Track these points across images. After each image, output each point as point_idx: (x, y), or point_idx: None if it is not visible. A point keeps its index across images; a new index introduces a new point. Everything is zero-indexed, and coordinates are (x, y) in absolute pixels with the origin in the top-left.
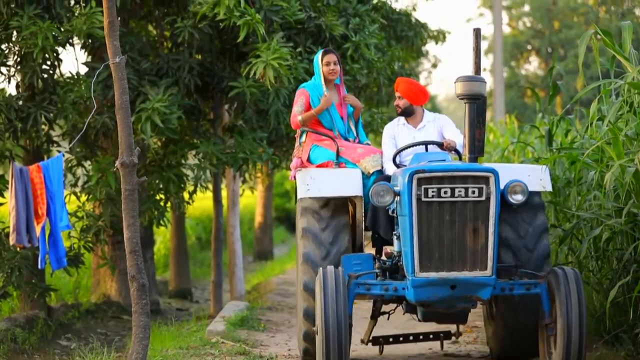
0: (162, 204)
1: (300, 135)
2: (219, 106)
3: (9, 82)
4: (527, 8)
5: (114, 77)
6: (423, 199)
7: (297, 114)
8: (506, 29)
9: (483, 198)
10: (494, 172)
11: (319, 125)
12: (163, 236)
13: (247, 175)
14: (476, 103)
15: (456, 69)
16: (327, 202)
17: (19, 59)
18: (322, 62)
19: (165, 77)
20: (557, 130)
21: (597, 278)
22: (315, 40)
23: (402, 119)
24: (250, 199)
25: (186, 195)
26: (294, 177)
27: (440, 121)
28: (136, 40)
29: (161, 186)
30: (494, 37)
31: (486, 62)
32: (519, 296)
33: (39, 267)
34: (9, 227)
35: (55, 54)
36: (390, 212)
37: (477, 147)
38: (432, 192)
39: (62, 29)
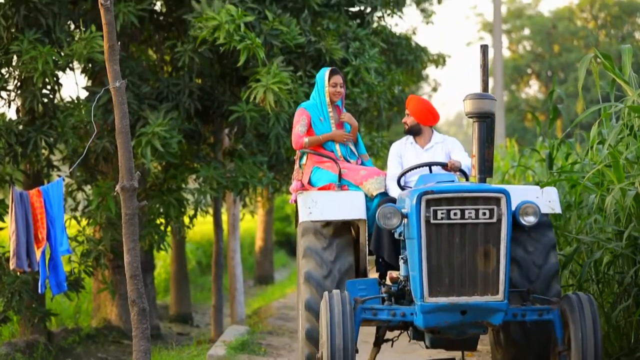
0: (162, 228)
1: (301, 157)
2: (219, 130)
3: (9, 106)
4: (527, 32)
5: (114, 102)
6: (432, 221)
7: (301, 134)
8: (506, 53)
9: (494, 220)
10: (506, 193)
11: (319, 147)
12: (163, 260)
13: (247, 200)
14: (485, 122)
15: (456, 92)
16: (329, 222)
17: (19, 84)
18: (329, 82)
19: (165, 102)
20: (558, 154)
21: (598, 302)
22: (316, 64)
23: (410, 137)
24: (251, 223)
25: (186, 220)
26: (295, 200)
27: (448, 143)
28: (136, 65)
29: (161, 210)
30: (494, 60)
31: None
32: (531, 322)
33: (39, 291)
34: (9, 251)
35: (55, 79)
36: (397, 236)
37: (486, 167)
38: (442, 213)
39: (62, 54)
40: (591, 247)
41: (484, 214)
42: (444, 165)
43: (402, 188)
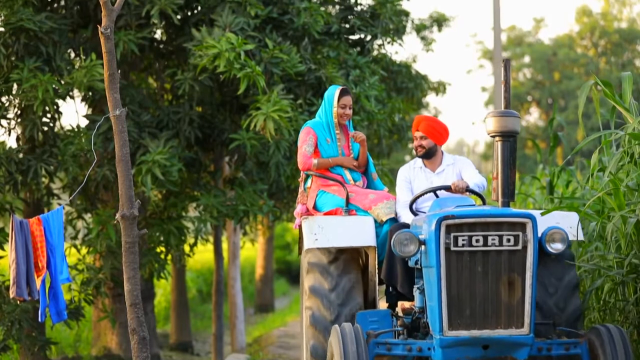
0: (162, 256)
1: (305, 180)
2: (220, 158)
3: (10, 134)
4: (527, 59)
5: (114, 130)
6: (452, 248)
7: (308, 154)
8: None
9: (519, 247)
10: (532, 218)
11: (326, 170)
12: (164, 289)
13: (247, 228)
14: (509, 141)
15: (457, 120)
16: (336, 257)
17: (19, 112)
18: (338, 103)
19: (165, 130)
20: (558, 181)
21: None
22: (316, 92)
23: (418, 161)
24: (251, 251)
25: (187, 248)
26: (299, 225)
27: (459, 164)
28: (136, 93)
29: (162, 239)
30: (495, 88)
31: (486, 113)
32: (557, 356)
33: (39, 320)
34: (9, 280)
35: (55, 107)
36: (412, 264)
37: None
38: (463, 240)
39: (63, 82)
40: (592, 275)
41: (508, 240)
42: (447, 189)
43: (415, 214)
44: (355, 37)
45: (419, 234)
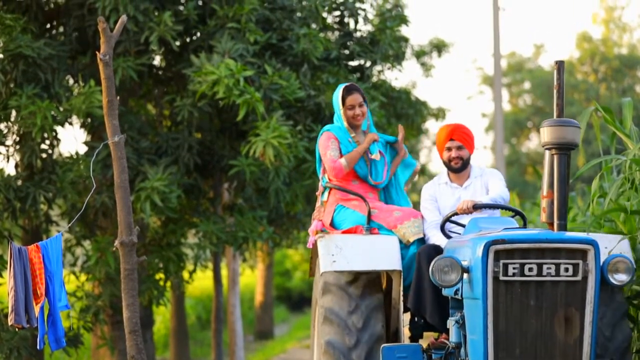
0: (161, 283)
1: (322, 193)
2: (219, 185)
3: (8, 161)
4: (527, 85)
5: (113, 156)
6: (501, 277)
7: (335, 158)
8: (507, 106)
9: (578, 277)
10: (594, 244)
11: (347, 181)
12: (163, 316)
13: (247, 254)
14: (567, 154)
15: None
16: (356, 277)
17: (17, 139)
18: (345, 105)
19: (164, 156)
20: None
21: None
22: (315, 119)
23: (443, 176)
24: (251, 277)
25: (186, 275)
26: (313, 244)
27: (487, 175)
28: (135, 119)
29: (161, 265)
30: (495, 114)
31: (487, 139)
32: None
33: (38, 347)
34: (7, 307)
35: (54, 134)
36: (452, 294)
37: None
38: (514, 269)
39: (61, 108)
40: None
41: (567, 269)
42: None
43: (447, 236)
44: (355, 63)
45: (460, 260)
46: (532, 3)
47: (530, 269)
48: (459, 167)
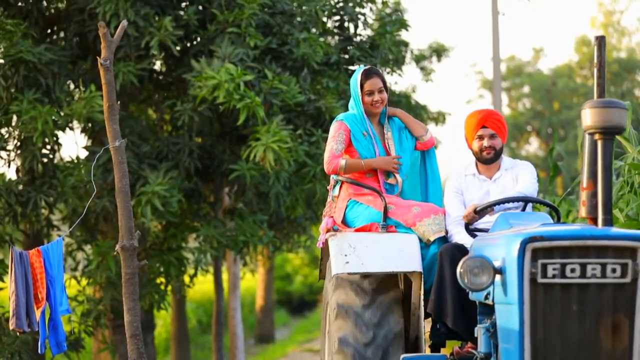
0: (162, 287)
1: (333, 187)
2: (219, 189)
3: (9, 166)
4: (526, 89)
5: (113, 161)
6: (540, 279)
7: (336, 153)
8: (506, 110)
9: (628, 279)
10: None
11: (362, 175)
12: (164, 320)
13: (247, 258)
14: (612, 140)
15: (457, 150)
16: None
17: (18, 143)
18: (363, 90)
19: (165, 161)
20: None
21: None
22: (315, 123)
23: (471, 167)
24: (251, 281)
25: (187, 279)
26: (324, 243)
27: (518, 168)
28: (136, 124)
29: (162, 270)
30: None
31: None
32: None
33: (39, 351)
34: (8, 311)
35: (55, 138)
36: (482, 298)
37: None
38: (554, 269)
39: (62, 113)
40: None
41: (614, 270)
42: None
43: (472, 234)
44: (355, 67)
45: (491, 260)
46: (531, 7)
47: (573, 270)
48: (491, 158)
